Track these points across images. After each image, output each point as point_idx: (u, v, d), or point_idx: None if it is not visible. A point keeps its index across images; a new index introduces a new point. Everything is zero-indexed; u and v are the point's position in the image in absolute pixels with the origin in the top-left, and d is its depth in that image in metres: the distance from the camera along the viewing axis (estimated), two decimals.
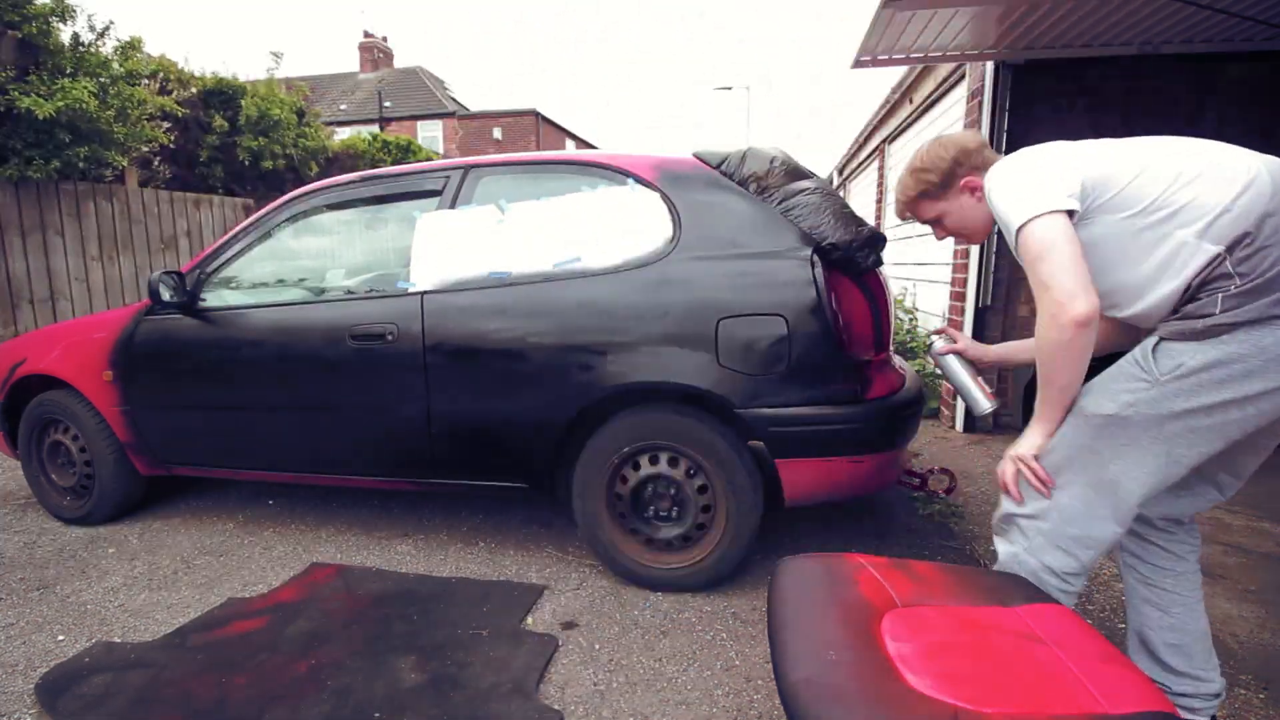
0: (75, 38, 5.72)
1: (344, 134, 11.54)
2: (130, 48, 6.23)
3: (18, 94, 5.12)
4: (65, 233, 5.78)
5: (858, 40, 3.37)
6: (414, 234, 2.34)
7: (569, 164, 2.38)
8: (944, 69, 4.65)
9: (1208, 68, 3.74)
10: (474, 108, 26.67)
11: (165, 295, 2.47)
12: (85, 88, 5.42)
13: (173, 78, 7.82)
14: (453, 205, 2.35)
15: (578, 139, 30.28)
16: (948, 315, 4.38)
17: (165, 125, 7.21)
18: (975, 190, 1.44)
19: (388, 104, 23.89)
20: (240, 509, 2.98)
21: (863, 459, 2.02)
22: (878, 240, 2.07)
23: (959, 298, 4.09)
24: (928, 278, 5.17)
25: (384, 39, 27.89)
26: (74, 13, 5.55)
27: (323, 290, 2.57)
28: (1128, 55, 3.48)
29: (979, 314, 3.95)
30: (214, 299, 2.60)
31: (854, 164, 9.28)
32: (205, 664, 1.81)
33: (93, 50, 5.83)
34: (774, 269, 1.99)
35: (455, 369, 2.22)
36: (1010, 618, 1.13)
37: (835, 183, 10.90)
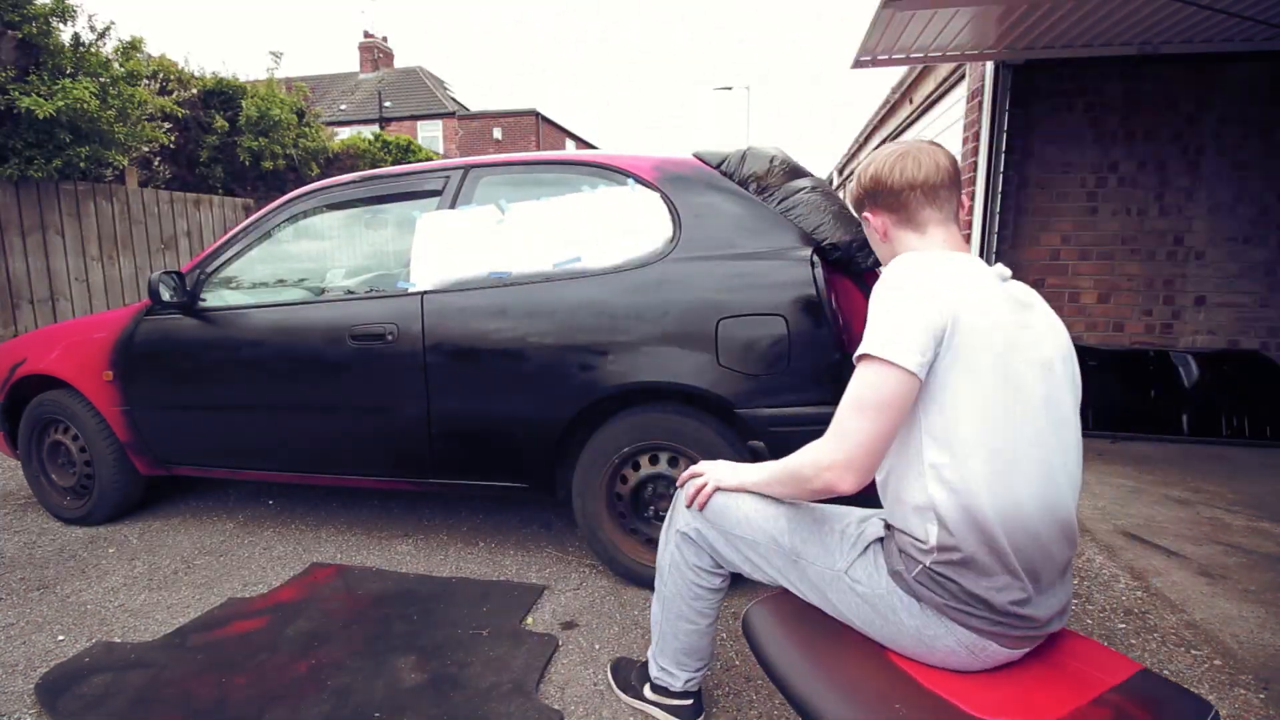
0: (76, 38, 5.72)
1: (344, 134, 11.54)
2: (131, 48, 6.24)
3: (18, 94, 5.12)
4: (65, 233, 5.78)
5: (858, 40, 3.38)
6: (414, 234, 2.34)
7: (569, 164, 2.38)
8: (944, 69, 4.65)
9: (1208, 68, 3.74)
10: (474, 108, 26.68)
11: (165, 295, 2.47)
12: (86, 88, 5.43)
13: (173, 78, 7.82)
14: (453, 205, 2.35)
15: (578, 139, 30.29)
16: None
17: (165, 125, 7.22)
18: (878, 231, 1.26)
19: (388, 104, 23.90)
20: (240, 509, 2.99)
21: None
22: None
23: None
24: None
25: (384, 39, 27.90)
26: (74, 13, 5.56)
27: (323, 290, 2.57)
28: (1128, 55, 3.48)
29: None
30: (214, 299, 2.60)
31: (854, 164, 9.28)
32: (205, 664, 1.81)
33: (93, 50, 5.83)
34: (774, 269, 1.98)
35: (455, 369, 2.22)
36: None
37: (835, 183, 10.90)
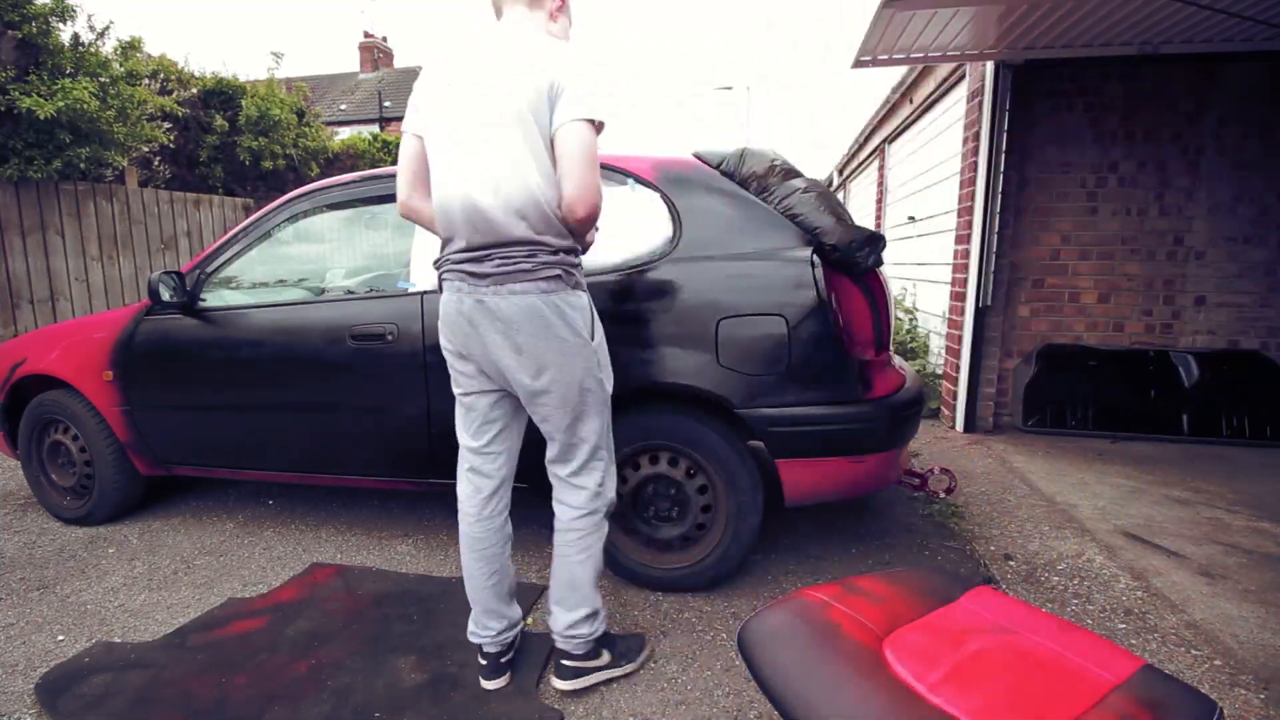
0: (75, 38, 5.72)
1: (344, 134, 11.54)
2: (130, 48, 6.23)
3: (18, 94, 5.12)
4: (65, 233, 5.78)
5: (858, 41, 3.38)
6: (414, 234, 2.34)
7: None
8: (944, 69, 4.65)
9: (1208, 68, 3.74)
10: None
11: (165, 295, 2.47)
12: (86, 88, 5.42)
13: (173, 78, 7.82)
14: None
15: None
16: (948, 315, 4.39)
17: (165, 125, 7.21)
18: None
19: (388, 104, 23.88)
20: (240, 509, 2.98)
21: (863, 459, 2.02)
22: (878, 240, 2.07)
23: (959, 298, 4.09)
24: (928, 278, 5.17)
25: (384, 39, 27.85)
26: (74, 13, 5.55)
27: (323, 290, 2.57)
28: (1128, 55, 3.48)
29: (979, 314, 3.96)
30: (214, 299, 2.60)
31: (854, 164, 9.28)
32: (205, 664, 1.81)
33: (93, 50, 5.83)
34: (774, 269, 1.98)
35: None
36: (966, 614, 1.19)
37: (835, 183, 10.90)
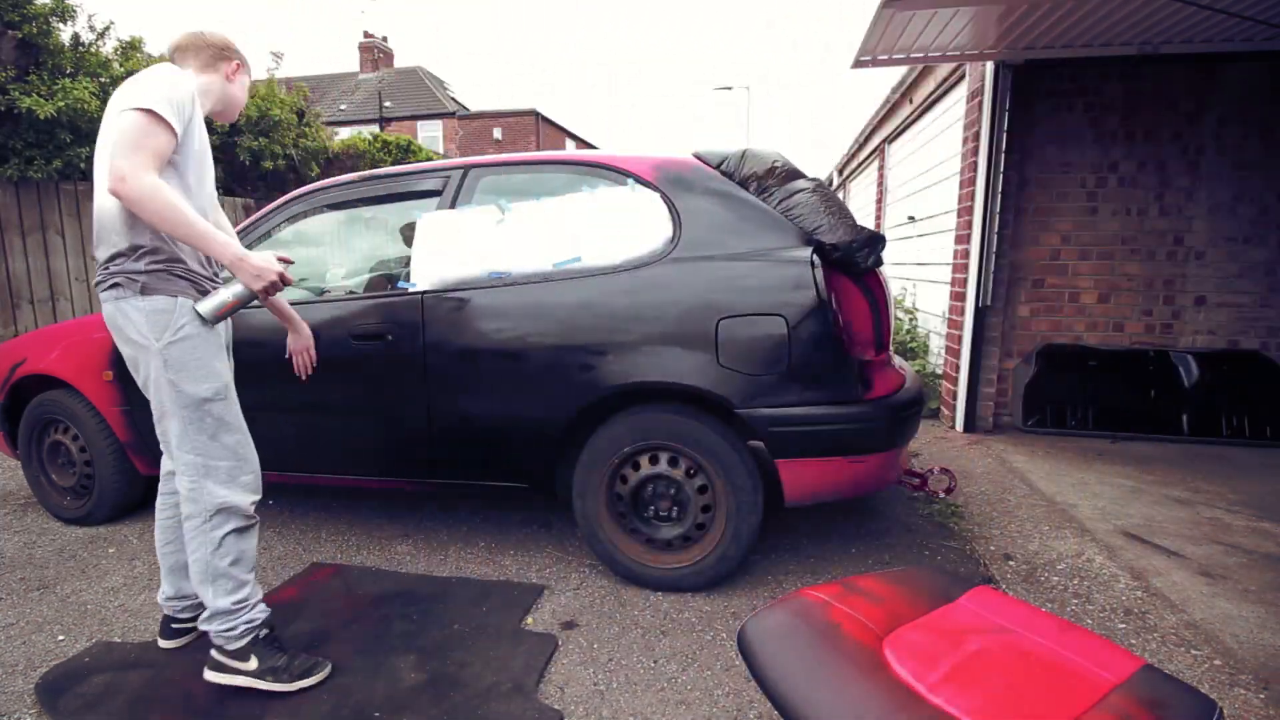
0: (75, 38, 5.73)
1: (344, 134, 11.55)
2: (130, 48, 6.24)
3: (18, 94, 5.12)
4: (65, 233, 5.78)
5: (858, 41, 3.38)
6: (414, 234, 2.34)
7: (569, 164, 2.38)
8: (944, 69, 4.65)
9: (1208, 68, 3.74)
10: (474, 108, 26.67)
11: None
12: (86, 88, 5.43)
13: None
14: (453, 205, 2.34)
15: (578, 139, 30.28)
16: (948, 315, 4.39)
17: None
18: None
19: (388, 104, 23.90)
20: None
21: (863, 459, 2.02)
22: (878, 240, 2.07)
23: (959, 298, 4.09)
24: (928, 278, 5.17)
25: (384, 39, 27.88)
26: (74, 13, 5.56)
27: (323, 290, 2.57)
28: (1128, 55, 3.48)
29: (979, 314, 3.96)
30: None
31: (854, 164, 9.28)
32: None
33: (93, 50, 5.84)
34: (774, 269, 1.98)
35: (456, 369, 2.21)
36: (966, 614, 1.20)
37: (835, 183, 10.90)
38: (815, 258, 1.96)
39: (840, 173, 10.51)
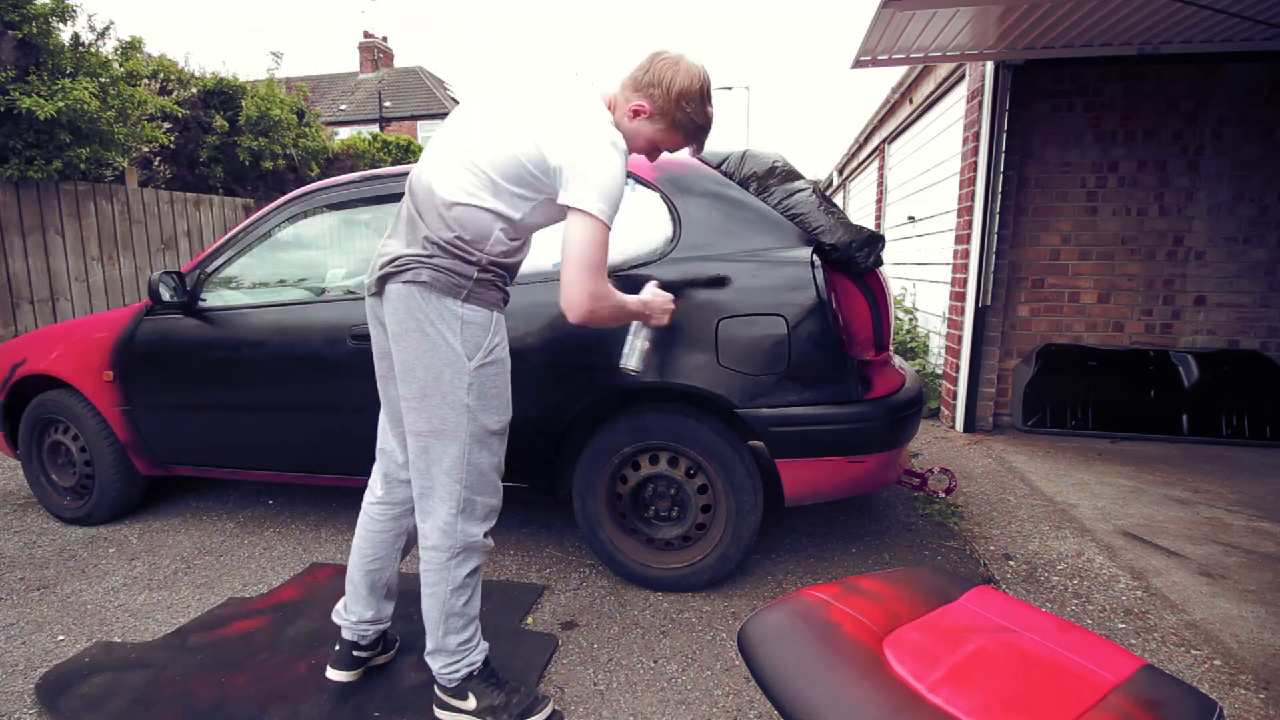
0: (75, 38, 5.72)
1: (344, 134, 11.54)
2: (130, 48, 6.23)
3: (18, 94, 5.12)
4: (65, 233, 5.78)
5: (858, 41, 3.38)
6: None
7: None
8: (944, 69, 4.65)
9: (1208, 68, 3.74)
10: None
11: (165, 295, 2.47)
12: (86, 88, 5.42)
13: (173, 78, 7.82)
14: None
15: None
16: (947, 315, 4.39)
17: (165, 125, 7.21)
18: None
19: (388, 104, 23.89)
20: (240, 509, 2.98)
21: (863, 459, 2.02)
22: (877, 240, 2.07)
23: (959, 298, 4.09)
24: (928, 278, 5.17)
25: (384, 39, 27.87)
26: (74, 13, 5.55)
27: (323, 290, 2.57)
28: (1128, 55, 3.48)
29: (979, 314, 3.96)
30: (214, 299, 2.60)
31: (854, 164, 9.28)
32: (205, 664, 1.81)
33: (93, 50, 5.82)
34: (774, 269, 1.98)
35: None
36: (966, 614, 1.20)
37: (835, 183, 10.90)
38: (815, 258, 1.96)
39: (840, 173, 10.51)
